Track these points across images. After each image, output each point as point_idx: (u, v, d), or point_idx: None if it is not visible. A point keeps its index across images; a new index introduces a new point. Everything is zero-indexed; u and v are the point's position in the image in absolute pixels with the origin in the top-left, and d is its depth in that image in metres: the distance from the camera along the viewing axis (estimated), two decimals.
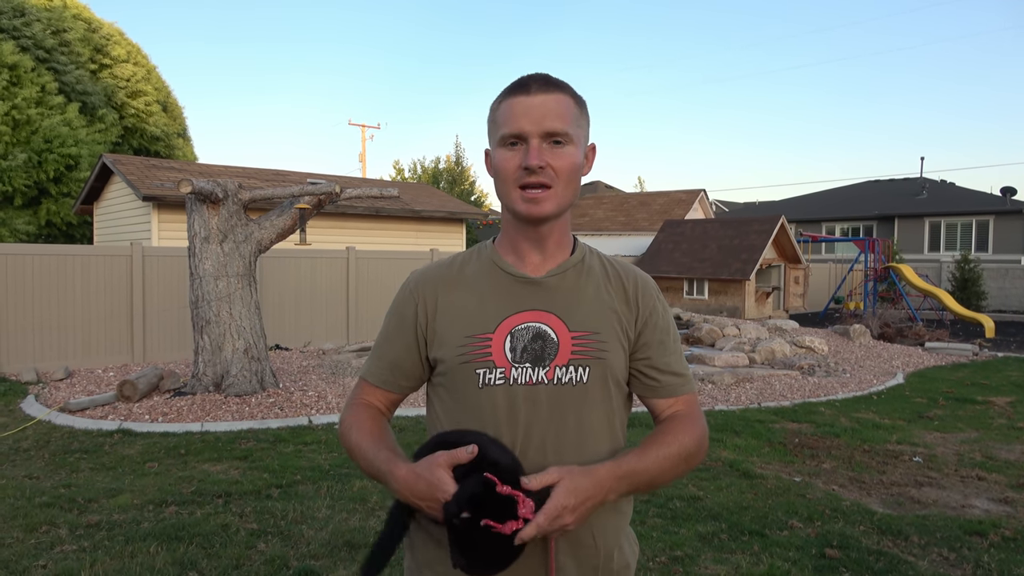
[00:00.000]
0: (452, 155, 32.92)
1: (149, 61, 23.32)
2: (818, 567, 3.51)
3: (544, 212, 1.21)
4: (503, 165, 1.22)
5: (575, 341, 1.23)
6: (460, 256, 1.36)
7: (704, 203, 26.71)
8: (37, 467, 5.07)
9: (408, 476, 1.14)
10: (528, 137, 1.19)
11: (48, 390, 7.76)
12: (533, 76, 1.24)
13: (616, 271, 1.33)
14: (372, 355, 1.37)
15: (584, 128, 1.27)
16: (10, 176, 16.08)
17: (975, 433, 6.52)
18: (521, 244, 1.28)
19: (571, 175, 1.22)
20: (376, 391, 1.34)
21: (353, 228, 14.95)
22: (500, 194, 1.26)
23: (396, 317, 1.32)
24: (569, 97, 1.24)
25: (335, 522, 4.01)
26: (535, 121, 1.19)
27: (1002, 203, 24.89)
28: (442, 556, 1.23)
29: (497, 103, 1.26)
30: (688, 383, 1.32)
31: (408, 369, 1.32)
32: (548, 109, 1.20)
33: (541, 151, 1.19)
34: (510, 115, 1.21)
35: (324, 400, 7.28)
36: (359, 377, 1.37)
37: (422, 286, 1.31)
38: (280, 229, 7.61)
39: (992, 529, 4.03)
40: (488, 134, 1.30)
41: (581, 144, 1.25)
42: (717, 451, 5.67)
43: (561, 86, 1.24)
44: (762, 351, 10.47)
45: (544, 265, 1.28)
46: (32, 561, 3.45)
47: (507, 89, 1.25)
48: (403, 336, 1.31)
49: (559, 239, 1.29)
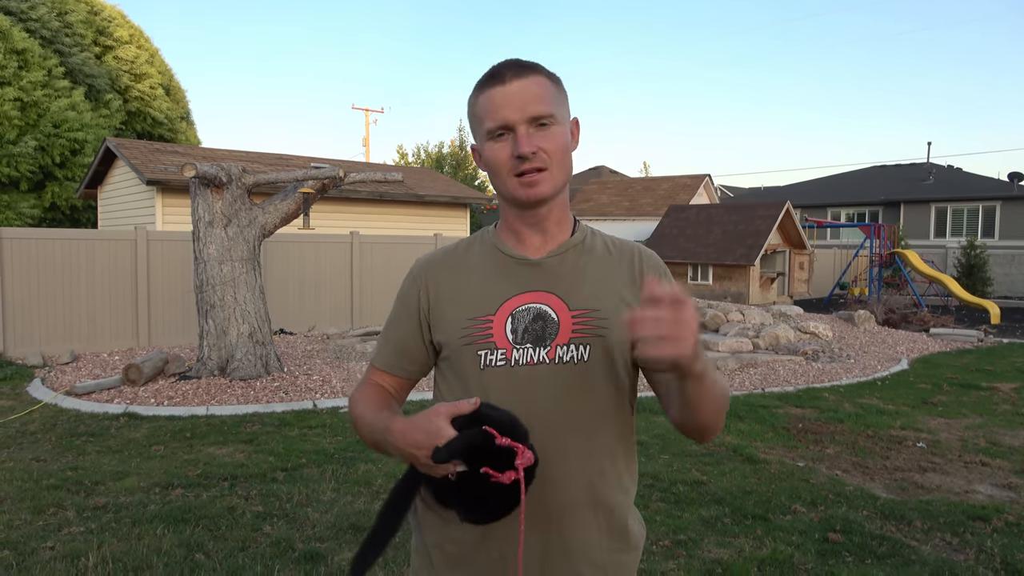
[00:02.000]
0: (456, 139, 32.83)
1: (152, 44, 23.23)
2: (821, 551, 3.53)
3: (543, 194, 1.22)
4: (494, 157, 1.22)
5: (575, 320, 1.23)
6: (464, 241, 1.37)
7: (709, 188, 26.61)
8: (44, 450, 5.11)
9: (405, 427, 1.12)
10: (514, 126, 1.19)
11: (54, 374, 7.80)
12: (504, 64, 1.23)
13: (620, 248, 1.34)
14: (380, 340, 1.38)
15: (565, 105, 1.27)
16: (17, 162, 16.08)
17: (979, 419, 6.51)
18: (521, 228, 1.29)
19: (562, 154, 1.23)
20: (384, 375, 1.35)
21: (357, 213, 14.94)
22: (496, 186, 1.26)
23: (401, 303, 1.34)
24: (544, 77, 1.23)
25: (340, 505, 4.03)
26: (518, 108, 1.18)
27: (1009, 189, 24.70)
28: (451, 535, 1.24)
29: (474, 98, 1.25)
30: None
31: (414, 354, 1.33)
32: (529, 94, 1.19)
33: (530, 137, 1.19)
34: (491, 107, 1.20)
35: (328, 384, 7.30)
36: (371, 366, 1.39)
37: (425, 272, 1.33)
38: (284, 213, 7.60)
39: (995, 514, 4.03)
40: (472, 131, 1.29)
41: (565, 121, 1.25)
42: (721, 436, 5.68)
43: (534, 67, 1.23)
44: (766, 336, 10.46)
45: (545, 246, 1.29)
46: (40, 542, 3.49)
47: (480, 82, 1.24)
48: (408, 321, 1.32)
49: (559, 218, 1.30)
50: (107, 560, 3.29)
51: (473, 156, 1.32)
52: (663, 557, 3.44)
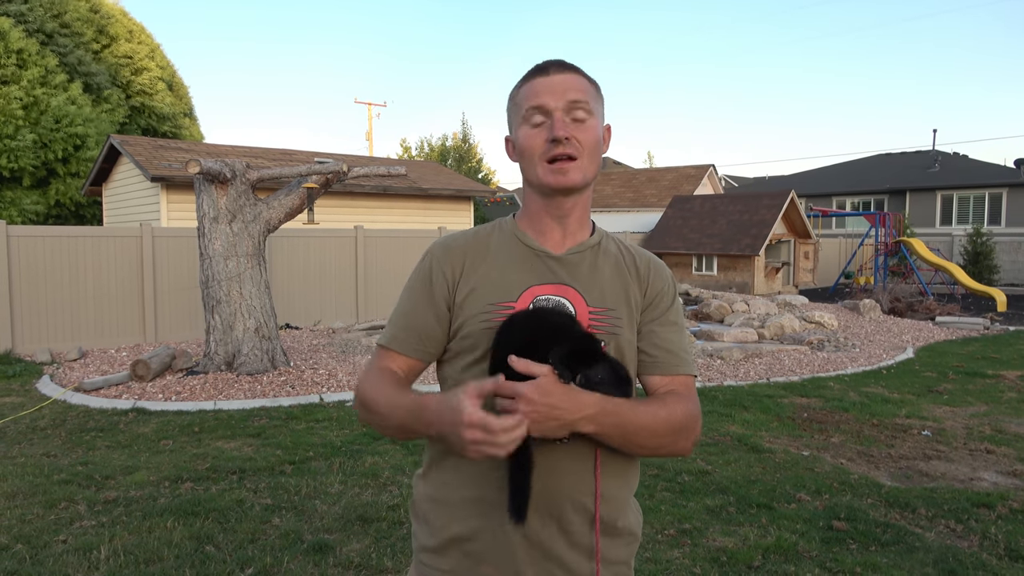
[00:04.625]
0: (459, 132, 32.80)
1: (153, 40, 23.24)
2: (825, 539, 3.55)
3: (572, 182, 1.25)
4: (528, 143, 1.26)
5: (593, 316, 1.27)
6: (483, 228, 1.38)
7: (713, 178, 26.53)
8: (54, 445, 5.16)
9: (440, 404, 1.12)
10: (552, 111, 1.24)
11: (62, 370, 7.86)
12: (550, 61, 1.29)
13: (632, 255, 1.38)
14: (395, 325, 1.34)
15: (601, 108, 1.31)
16: (17, 156, 16.13)
17: (985, 407, 6.51)
18: (544, 220, 1.31)
19: (594, 148, 1.27)
20: (398, 358, 1.32)
21: (361, 207, 14.96)
22: (526, 172, 1.29)
23: (421, 284, 1.32)
24: (585, 79, 1.29)
25: (348, 497, 4.07)
26: (558, 95, 1.24)
27: (1015, 175, 24.56)
28: (456, 514, 1.26)
29: (516, 89, 1.31)
30: (686, 365, 1.32)
31: (435, 335, 1.31)
32: (569, 84, 1.25)
33: (566, 124, 1.23)
34: (531, 93, 1.26)
35: (335, 378, 7.34)
36: (378, 347, 1.34)
37: (448, 255, 1.32)
38: (288, 208, 7.63)
39: (1000, 501, 4.05)
40: (508, 121, 1.33)
41: (601, 120, 1.30)
42: (726, 426, 5.70)
43: (577, 69, 1.30)
44: (771, 326, 10.46)
45: (564, 243, 1.32)
46: (52, 536, 3.53)
47: (526, 75, 1.30)
48: (429, 302, 1.31)
49: (580, 217, 1.33)
50: (119, 553, 3.33)
51: (506, 147, 1.35)
52: (668, 546, 3.47)
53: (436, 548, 1.29)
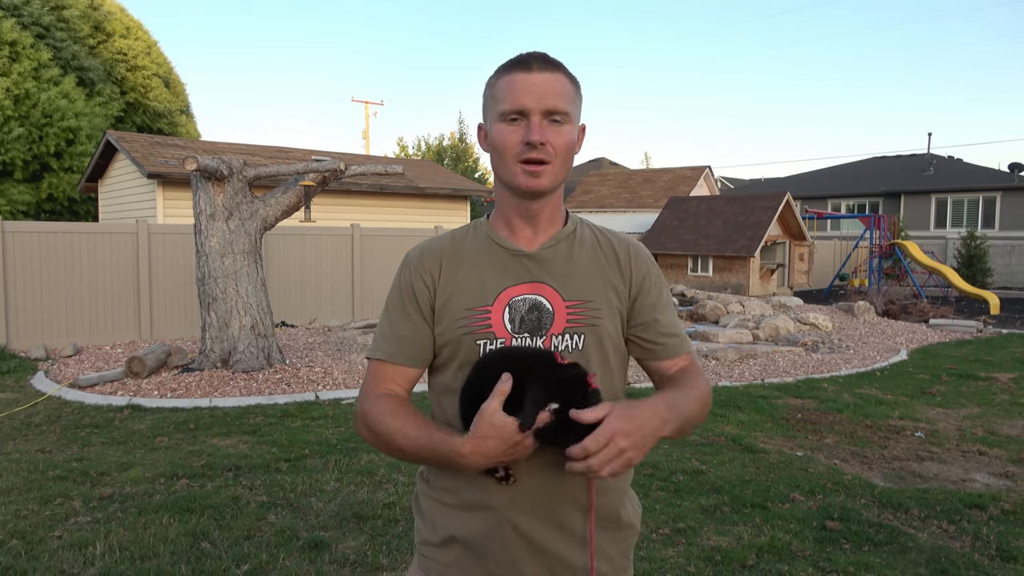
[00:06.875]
0: (456, 132, 32.78)
1: (150, 36, 23.17)
2: (819, 539, 3.57)
3: (542, 186, 1.26)
4: (503, 140, 1.25)
5: (570, 310, 1.27)
6: (457, 232, 1.39)
7: (709, 180, 26.59)
8: (49, 442, 5.15)
9: (475, 445, 1.12)
10: (530, 114, 1.23)
11: (57, 367, 7.84)
12: (532, 54, 1.27)
13: (608, 240, 1.37)
14: (386, 337, 1.32)
15: (578, 108, 1.31)
16: (7, 147, 16.07)
17: (977, 409, 6.55)
18: (514, 219, 1.32)
19: (567, 153, 1.27)
20: (398, 371, 1.30)
21: (357, 205, 14.95)
22: (498, 168, 1.29)
23: (406, 295, 1.32)
24: (566, 77, 1.27)
25: (343, 494, 4.08)
26: (537, 98, 1.22)
27: (1009, 179, 24.66)
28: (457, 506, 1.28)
29: (495, 78, 1.28)
30: (686, 341, 1.37)
31: (428, 344, 1.32)
32: (549, 87, 1.23)
33: (542, 128, 1.23)
34: (511, 91, 1.24)
35: (330, 376, 7.34)
36: (374, 362, 1.32)
37: (424, 262, 1.33)
38: (285, 206, 7.63)
39: (992, 502, 4.08)
40: (484, 109, 1.32)
41: (576, 123, 1.29)
42: (720, 426, 5.72)
43: (559, 66, 1.27)
44: (766, 328, 10.49)
45: (536, 239, 1.32)
46: (48, 532, 3.53)
47: (506, 65, 1.27)
48: (417, 313, 1.31)
49: (551, 215, 1.33)
50: (114, 549, 3.33)
51: (478, 135, 1.35)
52: (663, 545, 3.48)
53: (438, 543, 1.31)
